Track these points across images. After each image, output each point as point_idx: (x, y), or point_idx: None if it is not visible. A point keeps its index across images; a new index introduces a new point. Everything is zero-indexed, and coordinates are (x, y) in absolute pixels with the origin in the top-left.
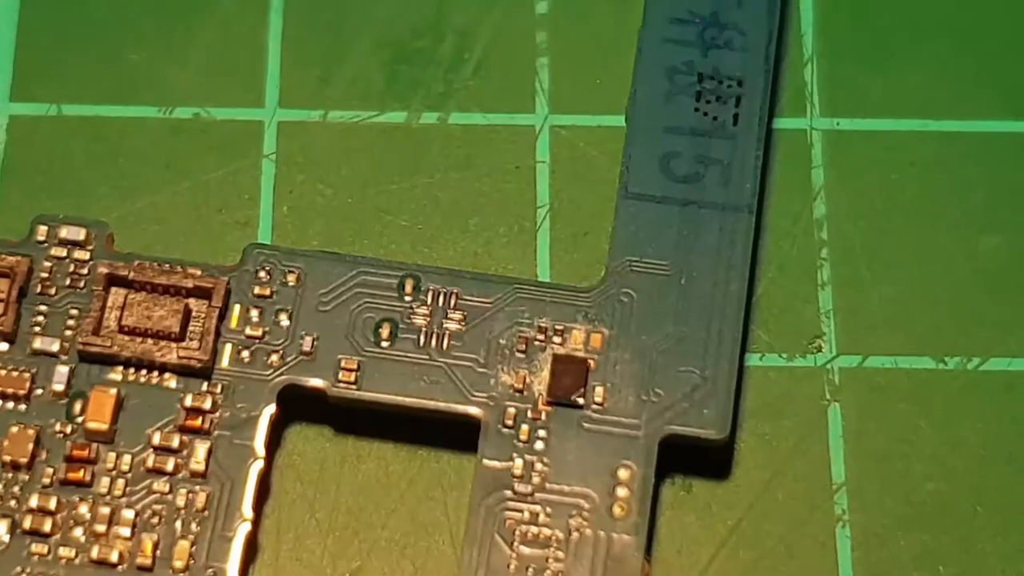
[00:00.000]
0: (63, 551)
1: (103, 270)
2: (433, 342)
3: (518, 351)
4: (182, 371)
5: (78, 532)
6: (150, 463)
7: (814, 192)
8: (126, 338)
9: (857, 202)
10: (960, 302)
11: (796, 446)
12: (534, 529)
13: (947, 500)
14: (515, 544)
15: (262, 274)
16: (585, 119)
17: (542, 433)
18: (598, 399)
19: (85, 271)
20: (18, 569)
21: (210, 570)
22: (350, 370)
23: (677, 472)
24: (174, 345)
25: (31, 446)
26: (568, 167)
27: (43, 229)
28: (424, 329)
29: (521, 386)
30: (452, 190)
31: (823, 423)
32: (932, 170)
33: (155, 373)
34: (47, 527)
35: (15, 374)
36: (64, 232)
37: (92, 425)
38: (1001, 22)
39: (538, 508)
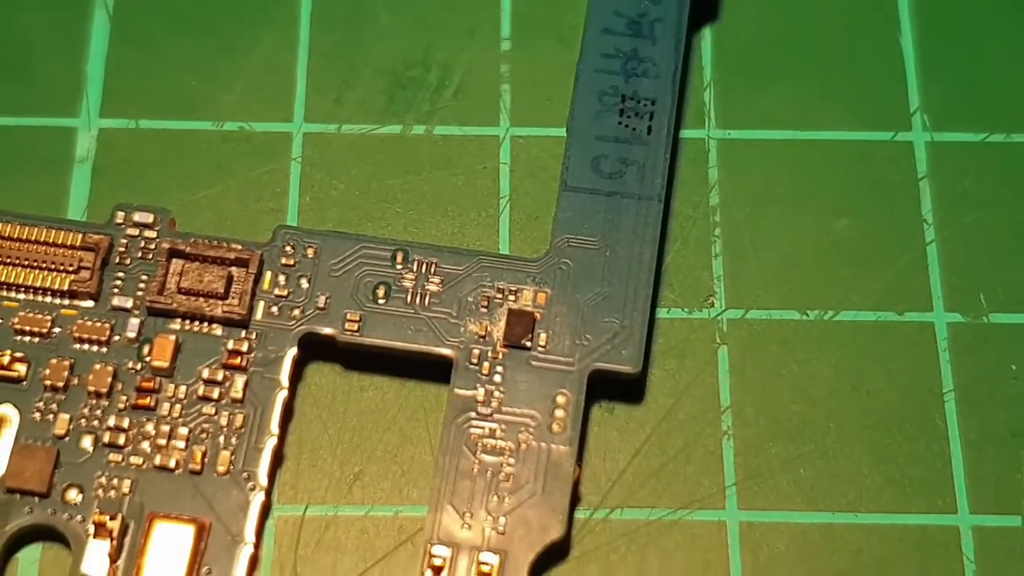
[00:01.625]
0: (133, 459)
1: (166, 245)
2: (417, 300)
3: (482, 306)
4: (225, 322)
5: (145, 445)
6: (200, 392)
7: (710, 186)
8: (183, 297)
9: (742, 193)
10: (819, 268)
11: (693, 378)
12: (492, 441)
13: (807, 419)
14: (478, 453)
15: (288, 248)
16: (536, 130)
17: (499, 369)
18: (542, 343)
19: (153, 246)
20: (99, 473)
21: (245, 473)
22: (354, 321)
23: (602, 398)
24: (219, 303)
25: (110, 379)
26: (523, 167)
27: (121, 214)
28: (411, 290)
29: (484, 333)
30: (435, 185)
31: (714, 360)
32: (798, 169)
33: (205, 324)
34: (121, 441)
35: (98, 324)
36: (137, 216)
37: (156, 363)
38: (851, 54)
39: (495, 426)
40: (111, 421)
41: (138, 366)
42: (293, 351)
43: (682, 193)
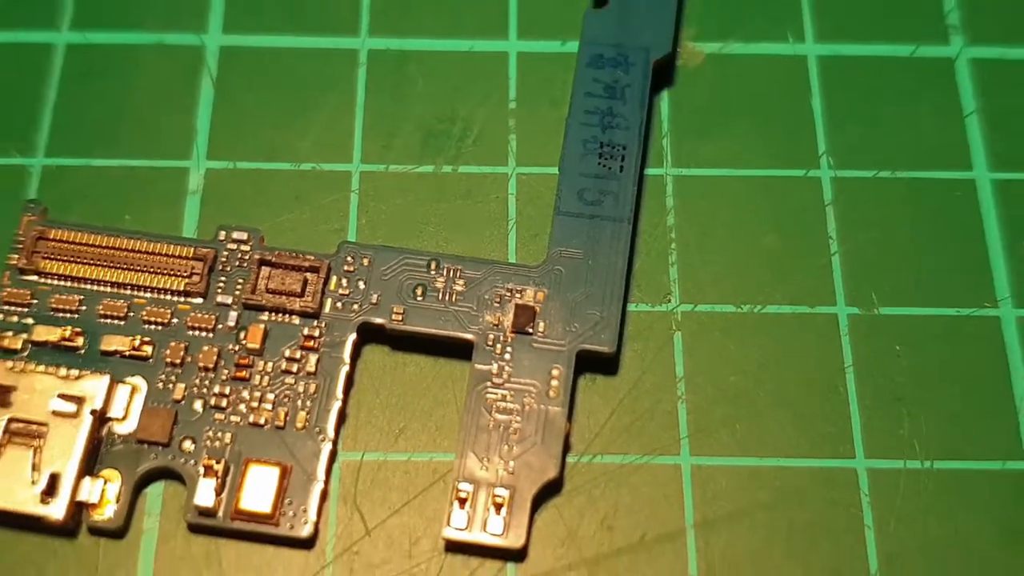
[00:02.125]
0: (233, 418)
1: (257, 256)
2: (447, 297)
3: (495, 302)
4: (302, 314)
5: (241, 407)
6: (283, 367)
7: (667, 211)
8: (270, 296)
9: (692, 217)
10: (750, 273)
11: (655, 356)
12: (504, 404)
13: (742, 388)
14: (493, 412)
15: (349, 259)
16: (536, 169)
17: (508, 349)
18: (540, 329)
19: (247, 257)
20: (207, 428)
21: (317, 428)
22: (399, 313)
23: (586, 372)
24: (297, 300)
25: (215, 358)
26: (526, 197)
27: (223, 233)
28: (442, 289)
29: (497, 322)
30: (459, 211)
31: (671, 343)
32: (735, 198)
33: (286, 316)
34: (224, 404)
35: (206, 316)
36: (235, 235)
37: (250, 345)
38: (773, 111)
39: (506, 392)
40: (216, 389)
41: (236, 348)
42: (353, 336)
43: (647, 216)
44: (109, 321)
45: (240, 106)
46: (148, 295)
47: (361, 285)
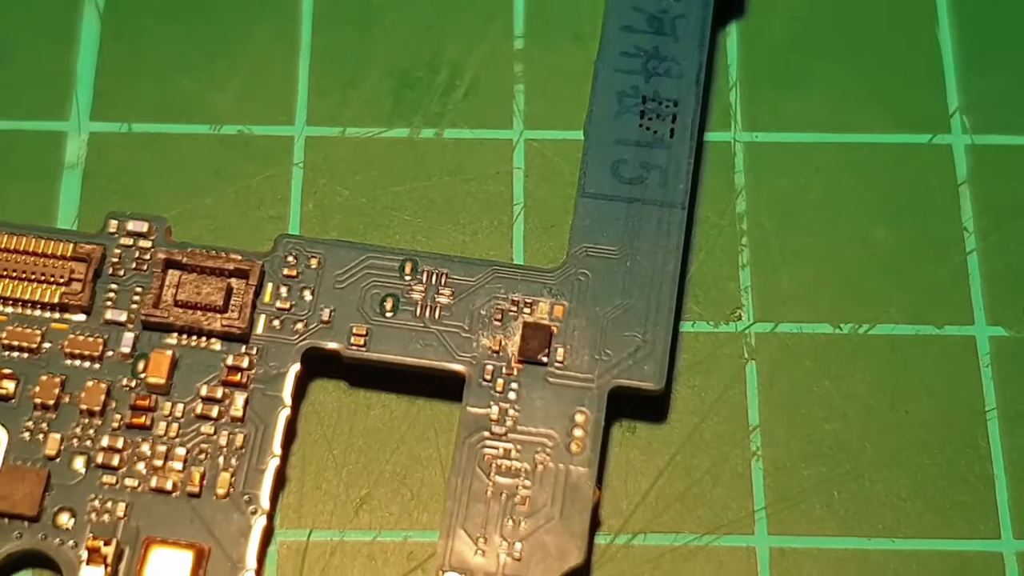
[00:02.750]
0: (128, 481)
1: (161, 256)
2: (427, 313)
3: (495, 319)
4: (225, 336)
5: (140, 466)
6: (198, 410)
7: (736, 192)
8: (180, 310)
9: (771, 200)
10: (854, 280)
11: (720, 396)
12: (507, 462)
13: (841, 439)
14: (492, 474)
15: (290, 258)
16: (552, 134)
17: (514, 385)
18: (559, 358)
19: (147, 257)
20: (92, 496)
21: (246, 496)
22: (360, 335)
23: (623, 417)
24: (218, 316)
25: (103, 397)
26: (538, 172)
27: (114, 223)
28: (420, 302)
29: (498, 348)
30: (445, 191)
31: (742, 377)
32: (833, 174)
33: (203, 338)
34: (115, 462)
35: (91, 339)
36: (131, 225)
37: (152, 380)
38: (886, 53)
39: (510, 445)
40: (104, 441)
41: (133, 383)
42: (296, 367)
43: (707, 199)
44: None
45: (137, 44)
46: (9, 310)
47: (307, 296)
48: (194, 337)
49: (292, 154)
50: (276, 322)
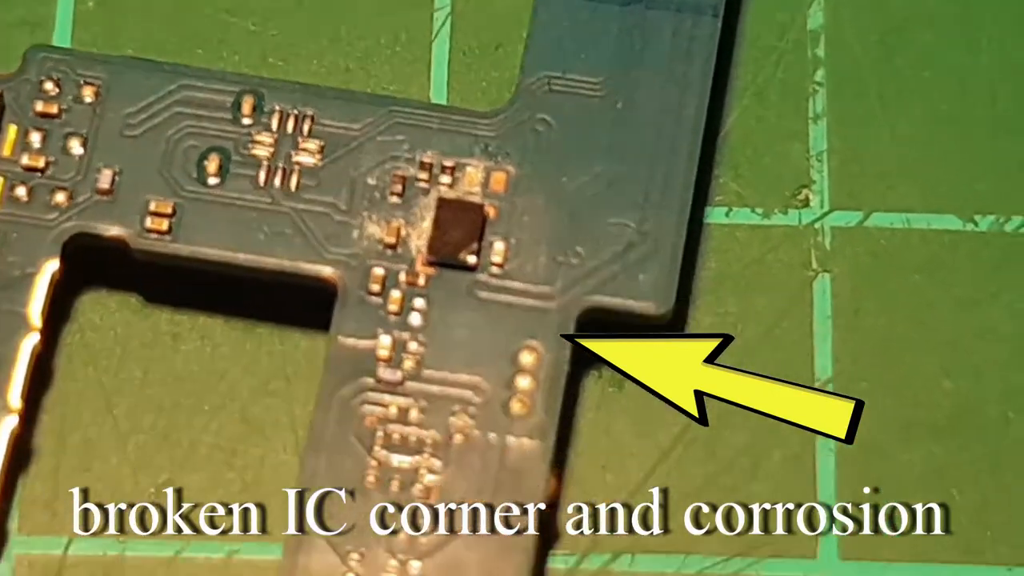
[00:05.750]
0: None
1: None
2: (278, 181)
3: (392, 194)
4: None
5: None
6: None
7: None
8: None
9: (864, 11)
10: (997, 145)
11: (769, 331)
12: (403, 429)
13: (969, 404)
14: (376, 449)
15: (48, 85)
16: None
17: (419, 303)
18: (497, 259)
19: None
20: None
21: None
22: (163, 215)
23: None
24: None
25: None
26: None
27: None
28: (266, 163)
29: (394, 240)
30: None
31: (806, 300)
32: None
33: None
34: None
35: None
36: None
37: None
38: None
39: (410, 402)
40: None
41: None
42: (52, 265)
43: (759, 4)
44: None
45: None
46: None
47: (76, 149)
48: None
49: None
50: (21, 190)
